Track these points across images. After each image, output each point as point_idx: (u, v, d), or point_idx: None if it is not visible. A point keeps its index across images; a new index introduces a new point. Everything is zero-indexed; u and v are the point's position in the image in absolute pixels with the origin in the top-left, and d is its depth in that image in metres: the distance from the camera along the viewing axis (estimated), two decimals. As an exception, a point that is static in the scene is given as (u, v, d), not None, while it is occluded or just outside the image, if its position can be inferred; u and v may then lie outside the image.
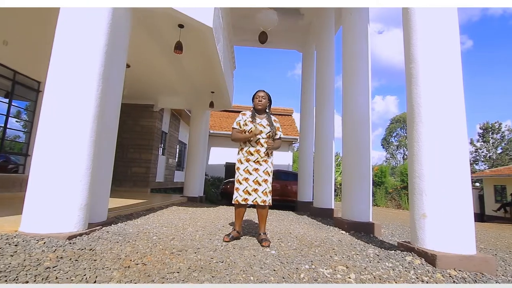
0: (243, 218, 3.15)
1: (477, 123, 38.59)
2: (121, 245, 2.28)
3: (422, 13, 2.65)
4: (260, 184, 2.79)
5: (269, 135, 2.86)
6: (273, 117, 3.00)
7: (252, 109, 3.01)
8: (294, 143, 15.48)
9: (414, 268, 2.13)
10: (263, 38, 6.52)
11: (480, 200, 17.65)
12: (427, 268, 2.13)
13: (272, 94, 3.09)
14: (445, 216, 2.34)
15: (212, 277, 1.73)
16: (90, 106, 2.53)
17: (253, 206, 2.89)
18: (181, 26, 4.34)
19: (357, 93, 4.32)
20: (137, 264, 1.85)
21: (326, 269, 2.01)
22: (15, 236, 2.13)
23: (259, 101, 2.94)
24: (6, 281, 1.43)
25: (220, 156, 15.07)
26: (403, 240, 2.90)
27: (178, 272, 1.76)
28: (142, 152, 9.23)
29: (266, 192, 2.79)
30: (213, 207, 6.62)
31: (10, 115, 5.27)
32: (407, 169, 2.92)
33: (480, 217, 16.42)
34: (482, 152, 31.89)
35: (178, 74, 6.55)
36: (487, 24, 57.59)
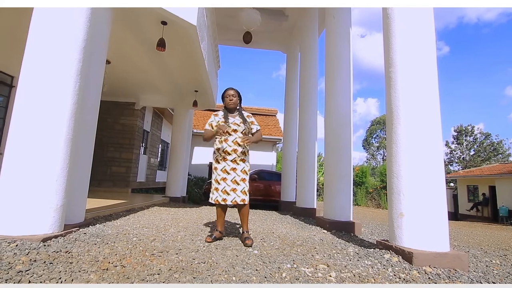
0: (225, 218, 3.14)
1: (452, 126, 40.40)
2: (99, 247, 2.21)
3: (400, 18, 2.74)
4: (238, 184, 2.79)
5: (245, 132, 2.87)
6: (245, 113, 2.98)
7: (223, 108, 3.00)
8: (278, 143, 15.58)
9: (392, 266, 2.20)
10: (247, 38, 6.52)
11: (454, 199, 18.49)
12: (404, 266, 2.21)
13: (256, 95, 3.13)
14: (421, 215, 2.44)
15: (194, 278, 1.71)
16: (66, 103, 2.43)
17: (233, 206, 2.88)
18: (164, 23, 4.26)
19: (339, 95, 4.41)
20: (116, 266, 1.80)
21: (307, 268, 2.04)
22: (-17, 239, 2.02)
23: (230, 100, 2.93)
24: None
25: (203, 155, 14.93)
26: (381, 239, 2.99)
27: (158, 274, 1.73)
28: (123, 151, 8.98)
29: (244, 191, 2.79)
30: (196, 207, 6.55)
31: (-20, 111, 4.98)
32: (386, 169, 3.01)
33: (454, 216, 17.22)
34: (457, 153, 33.38)
35: (160, 71, 6.43)
36: (463, 31, 60.45)
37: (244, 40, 6.58)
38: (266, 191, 9.38)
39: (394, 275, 2.02)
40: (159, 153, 12.85)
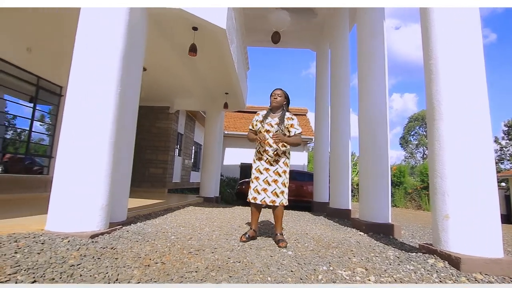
0: (260, 218, 3.15)
1: (502, 121, 36.69)
2: (140, 244, 2.33)
3: (440, 5, 2.56)
4: (269, 184, 2.79)
5: (277, 134, 2.84)
6: (288, 114, 2.91)
7: (268, 108, 3.02)
8: (309, 143, 15.35)
9: (437, 271, 2.06)
10: (276, 38, 6.51)
11: (506, 200, 16.82)
12: (451, 272, 2.05)
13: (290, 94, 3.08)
14: (470, 217, 2.25)
15: (230, 277, 1.74)
16: (109, 109, 2.61)
17: (269, 206, 2.89)
18: (195, 28, 4.40)
19: (374, 91, 4.23)
20: (157, 263, 1.89)
21: (344, 271, 1.97)
22: (41, 235, 2.23)
23: (274, 98, 2.94)
24: (35, 279, 1.50)
25: (235, 156, 15.16)
26: (424, 242, 2.81)
27: (196, 272, 1.78)
28: (159, 153, 9.41)
29: (275, 192, 2.78)
30: (229, 208, 6.66)
31: (35, 119, 5.52)
32: (428, 168, 2.83)
33: (507, 218, 15.65)
34: (508, 150, 30.41)
35: (192, 76, 6.64)
36: (512, 16, 54.92)
37: (272, 40, 6.58)
38: (297, 192, 9.28)
39: (440, 281, 1.88)
40: (193, 155, 13.28)
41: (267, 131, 2.85)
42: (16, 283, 1.42)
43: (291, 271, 1.92)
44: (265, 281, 1.73)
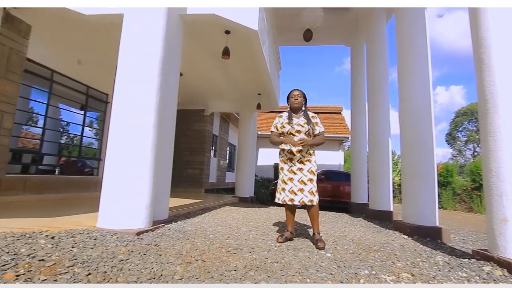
0: (295, 219, 3.12)
1: None
2: (181, 242, 2.43)
3: (494, -11, 2.33)
4: (305, 184, 2.75)
5: (309, 132, 2.83)
6: (310, 113, 2.94)
7: (288, 109, 2.99)
8: (345, 142, 14.86)
9: (494, 280, 1.87)
10: (308, 36, 6.39)
11: None
12: (511, 281, 1.85)
13: (319, 93, 3.10)
14: (534, 221, 2.01)
15: (268, 277, 1.74)
16: (151, 114, 2.76)
17: (302, 207, 2.85)
18: (227, 32, 4.49)
19: (416, 85, 3.96)
20: (197, 261, 1.96)
21: (388, 276, 1.88)
22: (94, 231, 2.42)
23: (295, 100, 2.92)
24: (89, 272, 1.63)
25: (268, 157, 15.18)
26: (478, 248, 2.57)
27: (235, 270, 1.81)
28: (196, 155, 9.76)
29: (312, 191, 2.74)
30: (264, 208, 6.69)
31: (85, 125, 6.03)
32: (480, 167, 2.58)
33: None
34: None
35: (225, 78, 6.78)
36: None
37: (304, 38, 6.47)
38: (334, 192, 9.02)
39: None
40: (227, 156, 13.56)
41: (298, 131, 2.82)
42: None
43: (331, 273, 1.87)
44: (304, 282, 1.70)
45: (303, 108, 2.96)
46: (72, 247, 1.98)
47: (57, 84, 5.21)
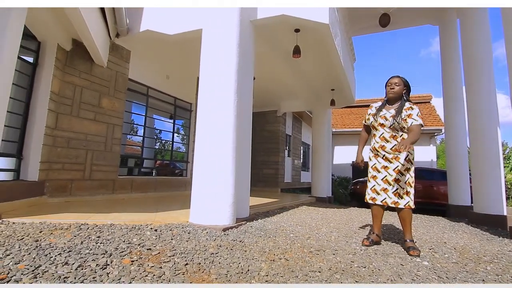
0: (382, 221, 2.86)
1: None
2: (264, 240, 2.51)
3: None
4: (390, 184, 2.49)
5: (393, 127, 2.51)
6: (408, 104, 2.53)
7: (384, 99, 2.72)
8: (436, 135, 12.99)
9: None
10: (385, 20, 5.82)
11: None
12: None
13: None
14: None
15: (356, 281, 1.64)
16: (230, 118, 2.95)
17: (392, 208, 2.59)
18: (297, 30, 4.44)
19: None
20: (280, 259, 1.98)
21: (510, 293, 1.55)
22: (187, 226, 2.71)
23: (391, 89, 2.60)
24: (187, 262, 1.82)
25: (345, 155, 14.43)
26: None
27: (319, 272, 1.77)
28: (271, 155, 9.98)
29: (398, 193, 2.46)
30: (343, 208, 6.37)
31: (174, 132, 6.81)
32: None
33: None
34: None
35: (296, 77, 6.73)
36: None
37: (380, 24, 5.91)
38: (426, 193, 7.97)
39: None
40: (301, 155, 13.43)
41: (381, 124, 2.57)
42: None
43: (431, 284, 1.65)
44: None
45: (405, 98, 2.59)
46: (171, 239, 2.25)
47: (152, 98, 6.04)
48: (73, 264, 1.57)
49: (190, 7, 3.89)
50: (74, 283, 1.37)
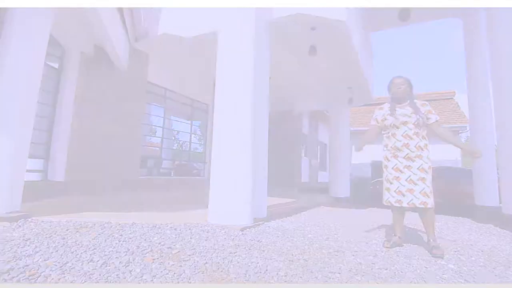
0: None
1: None
2: (281, 240, 2.50)
3: None
4: (415, 184, 2.41)
5: (417, 123, 2.45)
6: (419, 102, 2.57)
7: (390, 100, 2.67)
8: (461, 132, 12.45)
9: None
10: (405, 14, 5.64)
11: None
12: None
13: (422, 78, 2.63)
14: None
15: (377, 283, 1.60)
16: (247, 119, 2.98)
17: (413, 209, 2.51)
18: (313, 28, 4.39)
19: None
20: (299, 260, 1.96)
21: (545, 300, 1.46)
22: (205, 225, 2.74)
23: (398, 88, 2.60)
24: (206, 261, 1.84)
25: (363, 154, 14.08)
26: None
27: (339, 273, 1.74)
28: (287, 155, 9.92)
29: (425, 192, 2.38)
30: (362, 209, 6.23)
31: (192, 133, 6.92)
32: None
33: None
34: None
35: (312, 76, 6.65)
36: None
37: (400, 18, 5.73)
38: (450, 192, 7.64)
39: None
40: (318, 155, 13.27)
41: (405, 122, 2.51)
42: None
43: None
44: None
45: (410, 96, 2.62)
46: (190, 238, 2.29)
47: (169, 100, 6.17)
48: (98, 261, 1.63)
49: (205, 8, 3.93)
50: (99, 280, 1.42)
